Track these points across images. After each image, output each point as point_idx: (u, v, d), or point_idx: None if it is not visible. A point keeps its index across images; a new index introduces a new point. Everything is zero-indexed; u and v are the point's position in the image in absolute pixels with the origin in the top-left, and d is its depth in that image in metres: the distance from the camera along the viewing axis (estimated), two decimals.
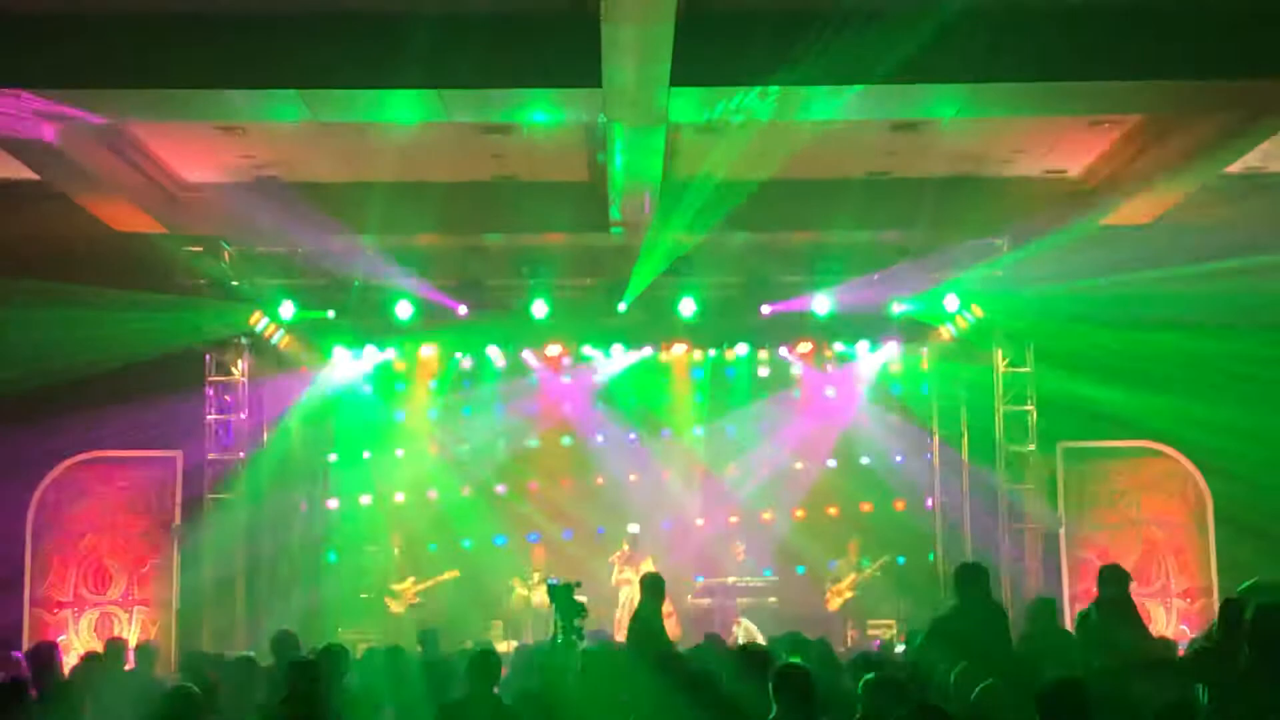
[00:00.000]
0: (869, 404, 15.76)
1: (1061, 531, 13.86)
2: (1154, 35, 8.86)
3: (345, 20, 8.85)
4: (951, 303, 13.81)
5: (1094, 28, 8.89)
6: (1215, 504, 13.74)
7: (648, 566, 14.40)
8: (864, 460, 15.89)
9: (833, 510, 15.99)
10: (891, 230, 13.03)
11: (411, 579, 15.22)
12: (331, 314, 13.92)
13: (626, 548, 14.79)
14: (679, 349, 15.35)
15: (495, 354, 15.33)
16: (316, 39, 8.86)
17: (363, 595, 15.29)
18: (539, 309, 13.79)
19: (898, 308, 13.91)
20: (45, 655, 8.46)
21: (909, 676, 6.85)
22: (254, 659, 8.66)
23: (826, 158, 11.97)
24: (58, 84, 9.09)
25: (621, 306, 13.78)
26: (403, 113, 10.04)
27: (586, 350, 15.29)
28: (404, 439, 16.07)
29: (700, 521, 16.11)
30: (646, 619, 9.25)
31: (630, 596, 14.13)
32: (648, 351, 15.35)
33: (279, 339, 14.19)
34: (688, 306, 13.79)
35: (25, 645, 11.89)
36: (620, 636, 12.03)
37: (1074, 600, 13.16)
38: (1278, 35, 8.84)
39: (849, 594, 14.89)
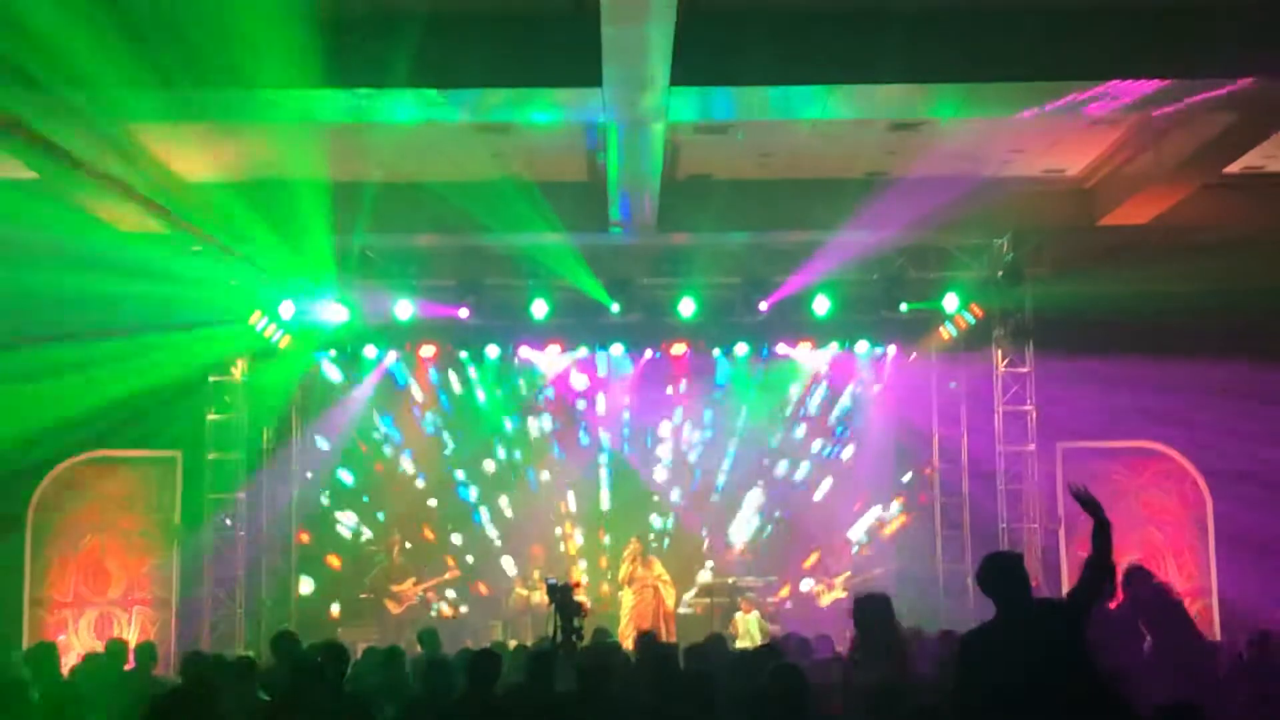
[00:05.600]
0: (869, 404, 15.77)
1: (1061, 531, 13.86)
2: (1153, 35, 8.86)
3: (344, 20, 8.85)
4: (951, 303, 13.83)
5: (1093, 28, 8.89)
6: (1215, 504, 13.75)
7: (658, 568, 14.39)
8: (863, 461, 15.88)
9: (831, 509, 16.00)
10: (891, 230, 13.02)
11: (411, 579, 15.22)
12: (335, 314, 13.92)
13: (635, 546, 14.68)
14: (679, 349, 15.35)
15: (495, 354, 15.33)
16: (316, 39, 8.85)
17: (363, 595, 15.30)
18: (539, 309, 13.80)
19: (899, 307, 13.92)
20: (45, 655, 8.47)
21: None
22: (254, 659, 8.66)
23: (826, 158, 11.98)
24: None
25: (615, 308, 13.80)
26: (403, 113, 10.03)
27: (586, 351, 15.31)
28: (405, 439, 16.07)
29: (705, 525, 16.12)
30: None
31: (636, 600, 14.11)
32: (648, 352, 15.37)
33: (279, 339, 14.20)
34: (687, 306, 13.81)
35: (25, 645, 11.89)
36: (623, 640, 12.02)
37: None
38: (1278, 35, 8.84)
39: (841, 593, 14.90)
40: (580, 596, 8.92)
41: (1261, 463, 12.88)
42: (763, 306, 13.81)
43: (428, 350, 15.24)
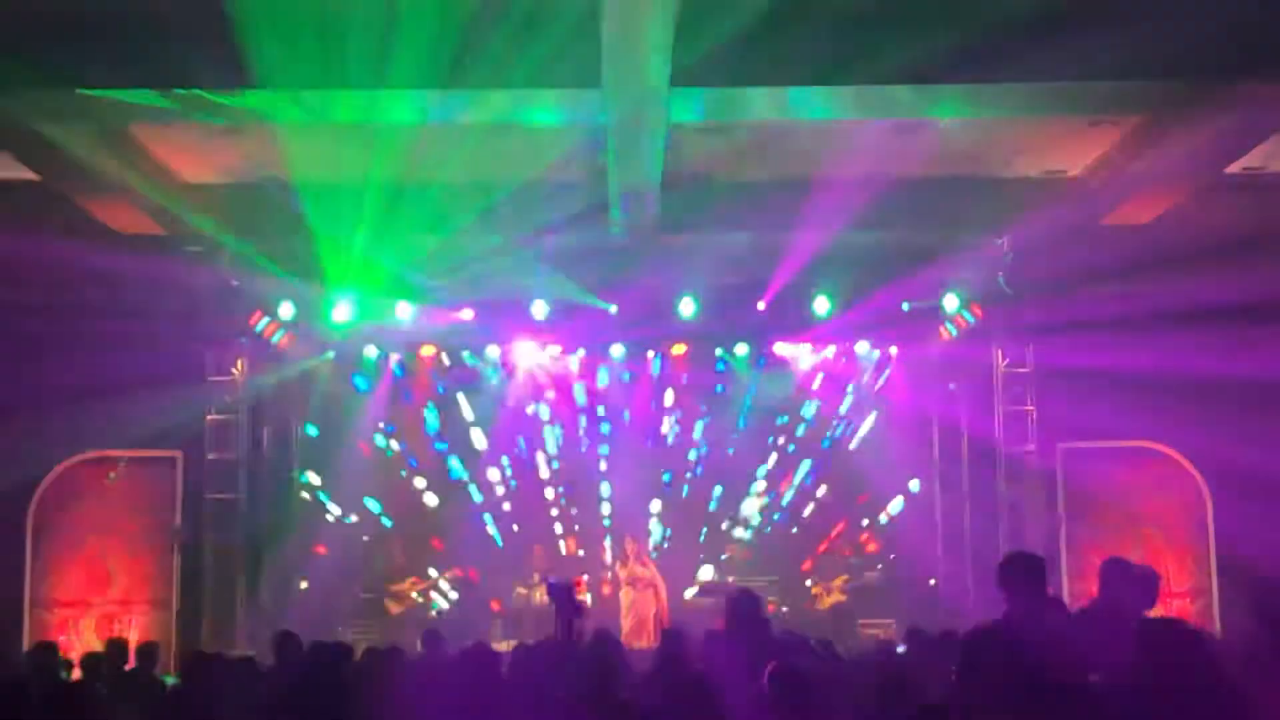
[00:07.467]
0: (869, 404, 15.77)
1: (1062, 531, 13.85)
2: (1153, 35, 8.85)
3: (344, 20, 8.85)
4: (951, 303, 13.83)
5: (1093, 28, 8.89)
6: (1215, 504, 13.74)
7: (652, 569, 14.38)
8: (862, 460, 15.88)
9: (831, 509, 16.00)
10: (892, 230, 13.02)
11: (411, 579, 15.22)
12: (336, 314, 13.91)
13: (631, 546, 14.67)
14: (679, 349, 15.35)
15: (495, 354, 15.33)
16: (315, 38, 8.85)
17: (363, 595, 15.28)
18: (539, 309, 13.80)
19: (901, 308, 13.93)
20: (45, 655, 8.47)
21: None
22: (254, 659, 8.66)
23: (827, 158, 11.97)
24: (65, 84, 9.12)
25: (614, 308, 13.79)
26: (403, 113, 10.03)
27: (586, 351, 15.31)
28: (405, 439, 16.06)
29: (705, 525, 16.13)
30: None
31: (635, 599, 14.10)
32: (648, 352, 15.38)
33: (279, 339, 14.19)
34: (687, 306, 13.81)
35: (25, 645, 11.89)
36: (625, 640, 12.02)
37: (1073, 600, 13.15)
38: (1278, 36, 8.84)
39: (840, 596, 14.89)
40: (581, 596, 8.92)
41: (1262, 463, 12.86)
42: (761, 306, 13.82)
43: (428, 350, 15.24)
